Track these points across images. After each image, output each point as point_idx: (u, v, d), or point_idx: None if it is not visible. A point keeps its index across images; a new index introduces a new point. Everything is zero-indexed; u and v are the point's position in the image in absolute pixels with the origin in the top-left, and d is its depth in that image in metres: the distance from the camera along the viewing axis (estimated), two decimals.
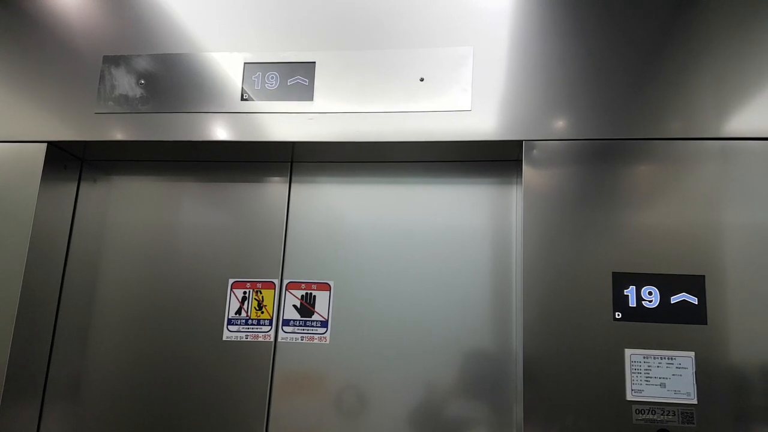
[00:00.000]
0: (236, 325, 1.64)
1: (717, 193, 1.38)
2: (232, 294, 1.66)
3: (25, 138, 1.64)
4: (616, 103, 1.44)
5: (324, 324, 1.61)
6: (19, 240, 1.58)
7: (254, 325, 1.63)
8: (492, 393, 1.53)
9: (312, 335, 1.60)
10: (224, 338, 1.63)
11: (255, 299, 1.65)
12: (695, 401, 1.30)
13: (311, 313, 1.62)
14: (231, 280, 1.67)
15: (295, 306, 1.63)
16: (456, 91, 1.49)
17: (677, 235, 1.37)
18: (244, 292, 1.65)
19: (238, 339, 1.63)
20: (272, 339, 1.62)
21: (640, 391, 1.32)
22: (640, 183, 1.41)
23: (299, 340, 1.61)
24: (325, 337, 1.60)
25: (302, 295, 1.63)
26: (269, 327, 1.63)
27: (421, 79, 1.52)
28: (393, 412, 1.55)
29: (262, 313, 1.64)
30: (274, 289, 1.65)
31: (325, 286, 1.63)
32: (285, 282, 1.65)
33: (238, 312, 1.64)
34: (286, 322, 1.62)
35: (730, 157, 1.39)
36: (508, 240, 1.59)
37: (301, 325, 1.61)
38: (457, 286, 1.59)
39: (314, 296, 1.63)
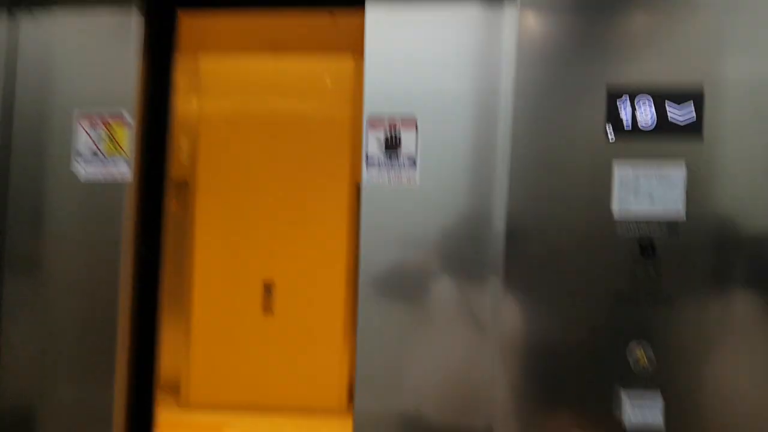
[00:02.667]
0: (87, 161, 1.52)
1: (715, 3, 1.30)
2: (80, 127, 1.52)
3: None
4: None
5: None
6: None
7: (109, 163, 1.51)
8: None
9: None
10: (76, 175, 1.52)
11: (106, 134, 1.51)
12: (684, 217, 1.26)
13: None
14: (78, 111, 1.53)
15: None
16: None
17: (676, 45, 1.30)
18: (93, 126, 1.52)
19: (93, 179, 1.52)
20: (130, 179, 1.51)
21: (627, 207, 1.28)
22: None
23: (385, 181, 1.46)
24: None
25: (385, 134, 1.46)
26: (124, 166, 1.51)
27: None
28: None
29: (117, 150, 1.51)
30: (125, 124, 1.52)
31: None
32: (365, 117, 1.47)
33: (88, 147, 1.52)
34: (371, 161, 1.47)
35: None
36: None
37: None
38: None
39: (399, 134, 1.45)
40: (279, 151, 3.42)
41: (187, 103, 3.36)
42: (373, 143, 1.44)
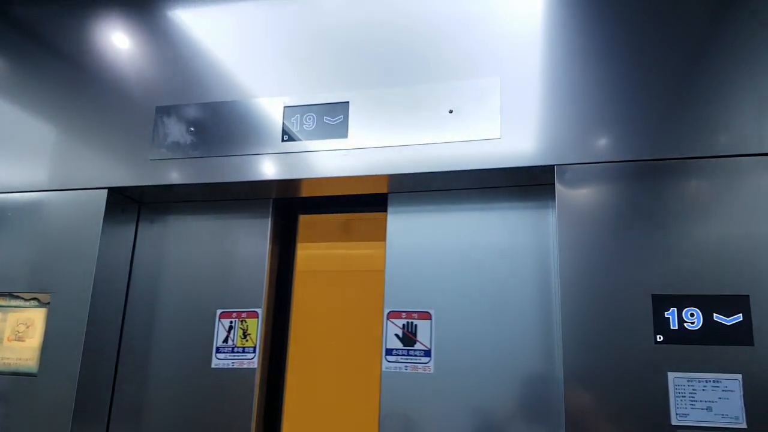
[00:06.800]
0: (223, 353, 1.74)
1: (758, 210, 1.34)
2: (219, 324, 1.76)
3: (88, 185, 1.79)
4: (648, 124, 1.44)
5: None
6: (85, 278, 1.72)
7: (240, 353, 1.72)
8: (546, 418, 1.51)
9: (416, 365, 1.63)
10: (213, 366, 1.74)
11: (240, 328, 1.73)
12: (745, 425, 1.25)
13: (414, 342, 1.64)
14: (219, 311, 1.77)
15: (397, 335, 1.66)
16: (484, 120, 1.53)
17: (718, 255, 1.34)
18: (231, 322, 1.75)
19: (226, 366, 1.72)
20: (256, 366, 1.70)
21: (686, 415, 1.28)
22: (677, 202, 1.39)
23: (403, 370, 1.63)
24: (429, 367, 1.62)
25: (404, 324, 1.66)
26: (253, 354, 1.71)
27: (450, 111, 1.56)
28: None
29: (247, 341, 1.72)
30: (257, 318, 1.73)
31: (426, 315, 1.65)
32: (386, 311, 1.68)
33: (225, 341, 1.74)
34: (389, 352, 1.65)
35: None
36: (550, 263, 1.58)
37: (404, 355, 1.64)
38: (510, 310, 1.59)
39: (416, 325, 1.65)
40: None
41: None
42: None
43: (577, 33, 1.54)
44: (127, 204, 1.88)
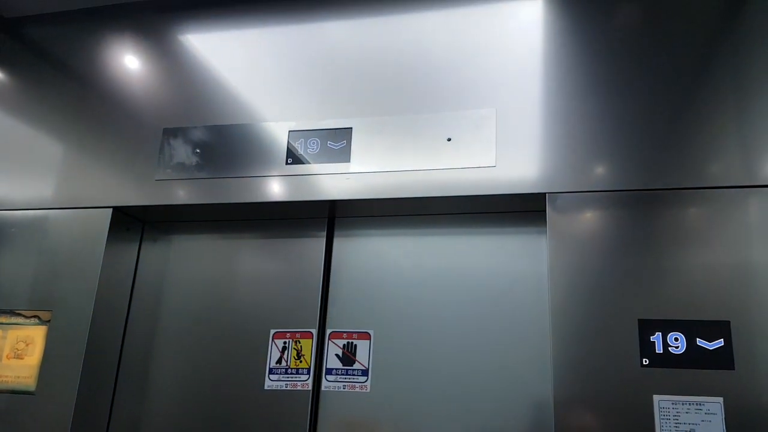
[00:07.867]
0: (277, 374, 1.74)
1: (740, 240, 1.41)
2: (273, 344, 1.76)
3: (92, 204, 1.84)
4: (637, 156, 1.51)
5: (364, 372, 1.69)
6: (86, 296, 1.75)
7: (293, 374, 1.73)
8: None
9: (353, 384, 1.69)
10: (266, 387, 1.73)
11: (294, 349, 1.74)
12: None
13: (352, 361, 1.70)
14: (272, 331, 1.78)
15: (337, 355, 1.72)
16: (480, 148, 1.60)
17: (701, 281, 1.41)
18: (284, 342, 1.76)
19: (279, 388, 1.72)
20: (310, 388, 1.70)
21: None
22: (664, 231, 1.46)
23: (341, 389, 1.69)
24: (365, 386, 1.68)
25: (344, 344, 1.72)
26: (307, 376, 1.71)
27: (449, 139, 1.63)
28: None
29: (301, 362, 1.73)
30: (312, 338, 1.75)
31: (365, 335, 1.72)
32: (328, 332, 1.75)
33: (279, 361, 1.74)
34: (329, 371, 1.71)
35: (753, 203, 1.43)
36: (542, 287, 1.64)
37: (342, 374, 1.70)
38: (493, 333, 1.64)
39: (355, 345, 1.71)
40: None
41: None
42: None
43: (570, 67, 1.62)
44: (131, 223, 1.92)
